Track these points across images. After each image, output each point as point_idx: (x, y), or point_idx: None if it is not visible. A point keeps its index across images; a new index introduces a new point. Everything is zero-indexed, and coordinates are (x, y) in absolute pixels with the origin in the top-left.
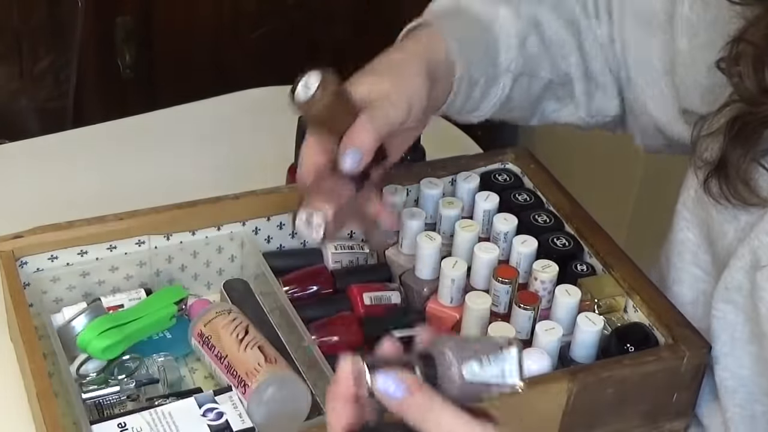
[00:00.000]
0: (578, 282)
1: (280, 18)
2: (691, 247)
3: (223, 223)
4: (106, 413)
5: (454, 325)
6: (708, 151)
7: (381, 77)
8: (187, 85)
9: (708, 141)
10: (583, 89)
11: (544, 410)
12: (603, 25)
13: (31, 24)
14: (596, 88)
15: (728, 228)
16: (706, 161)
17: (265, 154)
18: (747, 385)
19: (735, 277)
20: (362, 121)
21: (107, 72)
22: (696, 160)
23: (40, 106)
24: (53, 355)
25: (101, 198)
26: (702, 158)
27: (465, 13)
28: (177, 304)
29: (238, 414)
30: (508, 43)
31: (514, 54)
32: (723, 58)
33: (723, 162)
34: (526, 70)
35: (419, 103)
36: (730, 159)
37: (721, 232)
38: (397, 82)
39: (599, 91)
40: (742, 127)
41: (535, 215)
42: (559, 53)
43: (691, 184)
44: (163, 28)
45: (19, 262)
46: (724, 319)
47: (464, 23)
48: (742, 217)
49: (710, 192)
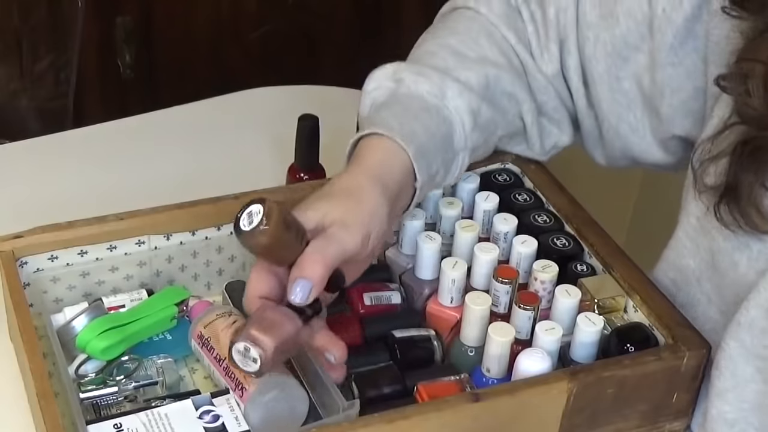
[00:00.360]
0: (578, 282)
1: (280, 18)
2: (694, 275)
3: (223, 223)
4: (103, 413)
5: (454, 325)
6: (711, 176)
7: (336, 202)
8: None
9: (710, 165)
10: (536, 132)
11: (544, 410)
12: (551, 60)
13: (31, 24)
14: (551, 124)
15: (740, 257)
16: (709, 186)
17: (265, 154)
18: (747, 417)
19: (750, 313)
20: (312, 250)
21: (107, 72)
22: (698, 185)
23: (40, 106)
24: (53, 355)
25: (101, 198)
26: (705, 183)
27: (412, 102)
28: (178, 306)
29: (234, 417)
30: (462, 123)
31: (469, 131)
32: (724, 76)
33: (732, 188)
34: (482, 138)
35: (379, 227)
36: (741, 185)
37: (731, 263)
38: (353, 207)
39: (554, 128)
40: (753, 151)
41: (535, 215)
42: (512, 106)
43: (693, 210)
44: (163, 28)
45: (19, 262)
46: (729, 354)
47: (416, 118)
48: (755, 246)
49: (721, 219)
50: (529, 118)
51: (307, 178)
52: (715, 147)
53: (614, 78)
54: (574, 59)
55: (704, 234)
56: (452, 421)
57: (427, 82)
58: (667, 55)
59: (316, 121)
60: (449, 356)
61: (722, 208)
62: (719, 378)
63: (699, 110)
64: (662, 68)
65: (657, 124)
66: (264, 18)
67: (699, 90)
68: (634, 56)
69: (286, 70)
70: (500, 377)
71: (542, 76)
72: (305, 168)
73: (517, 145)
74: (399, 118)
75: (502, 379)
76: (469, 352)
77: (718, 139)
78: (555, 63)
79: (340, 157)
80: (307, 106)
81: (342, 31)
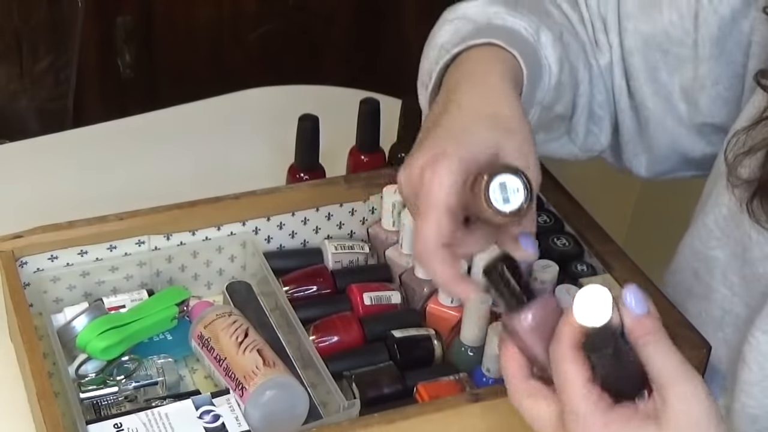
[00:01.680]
0: (578, 282)
1: (280, 18)
2: (720, 266)
3: (223, 223)
4: (103, 413)
5: (454, 325)
6: (746, 168)
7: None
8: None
9: (745, 158)
10: (584, 122)
11: None
12: (603, 52)
13: (31, 24)
14: (593, 122)
15: None
16: (743, 179)
17: (265, 154)
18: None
19: None
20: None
21: (107, 72)
22: (732, 178)
23: (40, 106)
24: (53, 355)
25: (101, 198)
26: (738, 176)
27: (512, 34)
28: (178, 306)
29: (234, 417)
30: (549, 74)
31: (553, 85)
32: (764, 72)
33: (766, 184)
34: (554, 100)
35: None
36: None
37: (763, 255)
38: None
39: (596, 126)
40: None
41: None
42: (575, 81)
43: (723, 200)
44: (163, 28)
45: (19, 262)
46: (757, 348)
47: (519, 49)
48: None
49: (754, 214)
50: (582, 101)
51: (307, 178)
52: (750, 139)
53: (652, 69)
54: (617, 52)
55: (736, 225)
56: (452, 421)
57: (524, 19)
58: (710, 48)
59: (316, 121)
60: (449, 356)
61: (755, 204)
62: (745, 371)
63: (735, 99)
64: (705, 61)
65: (694, 114)
66: (264, 18)
67: (738, 78)
68: (676, 49)
69: (286, 70)
70: (500, 377)
71: (597, 66)
72: (305, 168)
73: (556, 137)
74: (507, 40)
75: (502, 379)
76: (469, 351)
77: (753, 130)
78: (607, 54)
79: (340, 157)
80: (307, 106)
81: (342, 31)
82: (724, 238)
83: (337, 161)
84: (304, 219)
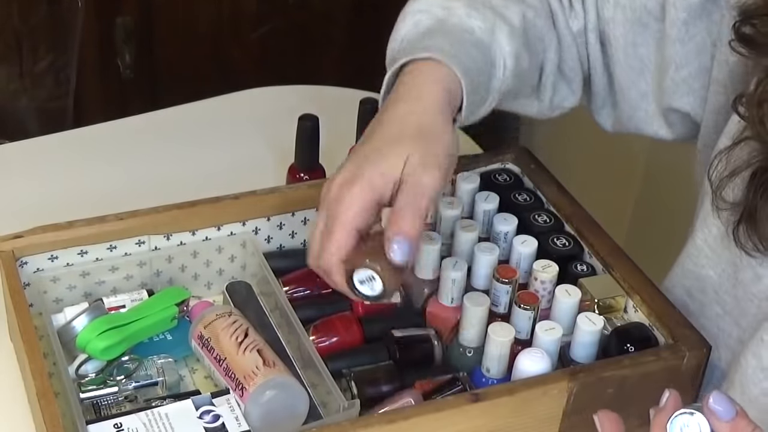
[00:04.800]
0: (578, 282)
1: (280, 18)
2: (712, 285)
3: (223, 223)
4: (103, 413)
5: (454, 325)
6: (730, 190)
7: (412, 144)
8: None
9: (728, 182)
10: (551, 85)
11: (544, 410)
12: (577, 17)
13: (31, 24)
14: (563, 82)
15: (764, 271)
16: (729, 202)
17: (265, 154)
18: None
19: None
20: (404, 205)
21: (107, 72)
22: (717, 200)
23: (40, 106)
24: (53, 355)
25: (101, 198)
26: (724, 198)
27: (463, 35)
28: (178, 306)
29: (234, 417)
30: (504, 67)
31: (508, 75)
32: (740, 98)
33: (751, 213)
34: (514, 84)
35: (455, 159)
36: (760, 213)
37: (755, 276)
38: (431, 148)
39: (565, 86)
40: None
41: (535, 215)
42: (541, 51)
43: (711, 221)
44: (163, 28)
45: (19, 262)
46: (745, 372)
47: (467, 53)
48: None
49: (740, 241)
50: (549, 68)
51: (307, 178)
52: (731, 162)
53: (630, 43)
54: (592, 19)
55: (726, 246)
56: (452, 421)
57: (479, 17)
58: (678, 30)
59: (316, 121)
60: (449, 356)
61: (741, 232)
62: (730, 392)
63: (701, 89)
64: (672, 43)
65: (659, 94)
66: (264, 18)
67: (703, 69)
68: (654, 24)
69: (286, 70)
70: (500, 377)
71: (568, 32)
72: (305, 168)
73: (524, 98)
74: (454, 48)
75: (502, 379)
76: (468, 352)
77: (733, 151)
78: (580, 20)
79: (340, 157)
80: (307, 106)
81: (342, 31)
82: (715, 258)
83: (337, 161)
84: (304, 219)
